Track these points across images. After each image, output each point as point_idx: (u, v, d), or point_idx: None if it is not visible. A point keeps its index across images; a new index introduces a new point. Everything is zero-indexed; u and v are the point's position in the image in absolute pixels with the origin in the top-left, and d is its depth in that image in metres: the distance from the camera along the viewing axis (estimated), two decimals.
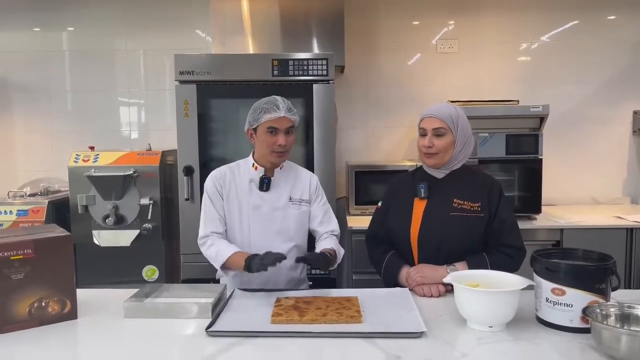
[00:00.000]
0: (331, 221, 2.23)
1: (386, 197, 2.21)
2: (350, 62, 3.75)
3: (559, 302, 1.52)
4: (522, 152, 3.29)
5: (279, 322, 1.60)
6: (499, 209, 2.00)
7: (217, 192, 2.14)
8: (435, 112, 2.01)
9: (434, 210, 2.02)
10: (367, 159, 3.96)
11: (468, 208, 1.99)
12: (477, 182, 2.05)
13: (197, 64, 3.04)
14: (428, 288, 1.90)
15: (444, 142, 2.00)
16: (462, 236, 1.97)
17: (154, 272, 3.34)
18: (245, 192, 2.14)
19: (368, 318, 1.63)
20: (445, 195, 2.03)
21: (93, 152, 3.33)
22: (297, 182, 2.20)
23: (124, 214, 3.25)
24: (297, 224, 2.16)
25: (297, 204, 2.17)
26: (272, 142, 2.05)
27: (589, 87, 3.90)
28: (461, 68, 3.90)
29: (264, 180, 2.12)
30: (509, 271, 1.74)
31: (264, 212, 2.12)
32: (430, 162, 2.04)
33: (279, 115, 2.03)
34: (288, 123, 2.06)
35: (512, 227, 2.01)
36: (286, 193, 2.16)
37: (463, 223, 1.97)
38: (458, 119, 2.01)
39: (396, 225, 2.08)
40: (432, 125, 2.01)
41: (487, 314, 1.53)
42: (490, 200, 2.00)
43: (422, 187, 2.05)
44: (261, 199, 2.13)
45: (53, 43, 3.97)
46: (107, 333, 1.59)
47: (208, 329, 1.54)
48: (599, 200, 3.96)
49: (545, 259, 1.60)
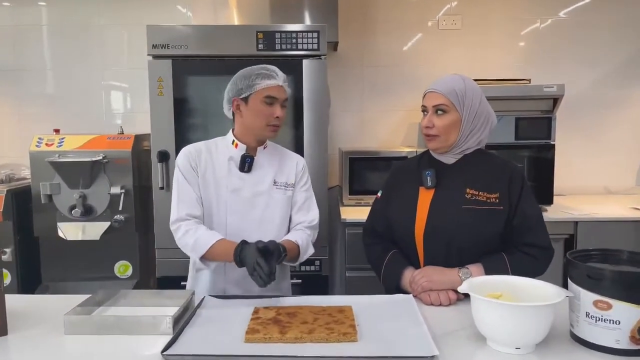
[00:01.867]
0: (310, 209, 1.93)
1: (387, 186, 1.90)
2: (345, 39, 3.42)
3: (603, 317, 1.22)
4: (533, 137, 2.99)
5: (255, 340, 1.29)
6: (521, 201, 1.68)
7: (192, 169, 1.82)
8: (438, 87, 1.70)
9: (443, 201, 1.71)
10: (361, 145, 3.64)
11: (483, 199, 1.68)
12: (494, 169, 1.74)
13: (173, 37, 2.70)
14: (436, 295, 1.60)
15: (446, 121, 1.68)
16: (476, 233, 1.66)
17: (127, 268, 3.03)
18: (223, 172, 1.83)
19: (365, 335, 1.33)
20: (456, 184, 1.71)
21: (58, 136, 2.98)
22: (283, 164, 1.91)
23: (93, 204, 2.92)
24: (282, 211, 1.87)
25: (282, 189, 1.87)
26: (269, 114, 1.76)
27: (603, 69, 3.59)
28: (465, 46, 3.59)
29: (246, 159, 1.82)
30: (532, 275, 1.44)
31: (244, 196, 1.82)
32: (431, 145, 1.74)
33: (277, 83, 1.76)
34: (285, 94, 1.80)
35: (537, 223, 1.69)
36: (270, 175, 1.86)
37: (477, 217, 1.66)
38: (465, 93, 1.68)
39: (398, 220, 1.77)
40: (433, 101, 1.70)
41: (515, 333, 1.22)
42: (511, 190, 1.68)
43: (429, 175, 1.73)
44: (241, 181, 1.83)
45: (23, 18, 3.61)
46: (40, 354, 1.28)
47: (164, 351, 1.23)
48: (611, 190, 3.67)
49: (583, 262, 1.29)
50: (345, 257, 2.96)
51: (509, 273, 1.55)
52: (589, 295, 1.24)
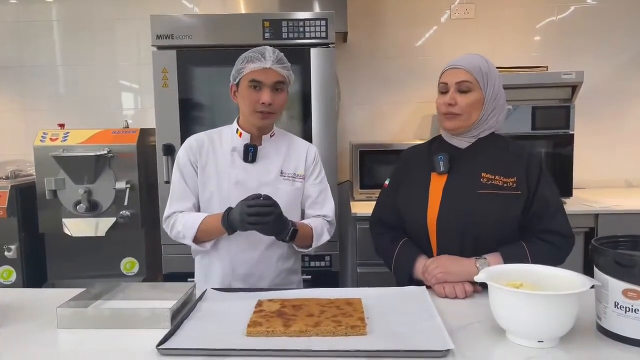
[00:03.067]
0: (325, 204, 1.84)
1: (395, 174, 1.80)
2: (354, 30, 3.34)
3: (634, 307, 1.12)
4: (551, 126, 2.87)
5: (257, 334, 1.21)
6: (540, 186, 1.57)
7: (190, 163, 1.76)
8: (461, 63, 1.60)
9: (457, 187, 1.61)
10: (372, 139, 3.54)
11: (500, 184, 1.57)
12: (510, 153, 1.63)
13: (177, 27, 2.63)
14: (451, 287, 1.50)
15: (470, 100, 1.58)
16: (493, 220, 1.55)
17: (133, 264, 2.97)
18: (226, 164, 1.75)
19: (375, 328, 1.24)
20: (471, 169, 1.61)
21: (62, 130, 2.93)
22: (290, 152, 1.81)
23: (98, 199, 2.86)
24: (290, 203, 1.76)
25: (289, 179, 1.78)
26: (255, 99, 1.66)
27: (623, 58, 3.46)
28: (479, 36, 3.48)
29: (249, 149, 1.73)
30: (553, 264, 1.34)
31: (249, 187, 1.72)
32: (451, 124, 1.62)
33: (263, 65, 1.64)
34: (276, 77, 1.67)
35: (557, 209, 1.59)
36: (277, 165, 1.78)
37: (494, 202, 1.56)
38: (489, 72, 1.60)
39: (409, 208, 1.67)
40: (456, 77, 1.60)
41: (537, 325, 1.12)
42: (529, 174, 1.58)
43: (441, 159, 1.63)
44: (246, 172, 1.75)
45: (29, 14, 3.56)
46: (31, 349, 1.21)
47: (159, 345, 1.15)
48: (633, 184, 3.54)
49: (612, 249, 1.19)
50: (357, 252, 2.87)
51: (529, 262, 1.45)
52: (617, 283, 1.14)
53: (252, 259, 1.72)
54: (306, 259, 2.73)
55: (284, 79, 1.69)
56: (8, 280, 2.90)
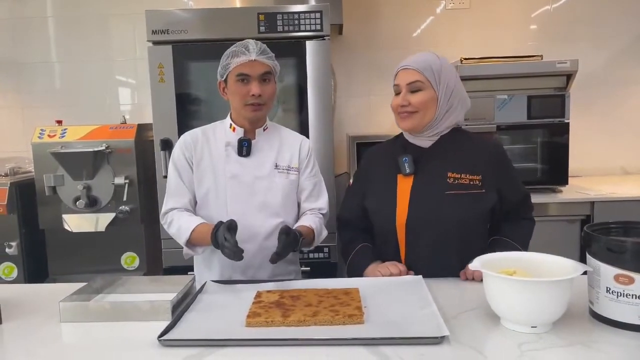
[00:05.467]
0: (320, 197, 1.86)
1: (360, 173, 1.83)
2: (350, 22, 3.34)
3: (625, 292, 1.14)
4: (547, 115, 2.88)
5: (256, 324, 1.23)
6: (510, 177, 1.67)
7: (185, 159, 1.78)
8: (410, 63, 1.62)
9: (424, 189, 1.62)
10: (369, 130, 3.55)
11: (466, 182, 1.59)
12: (474, 149, 1.66)
13: (172, 21, 2.64)
14: (385, 267, 1.58)
15: (421, 98, 1.60)
16: (461, 220, 1.58)
17: (133, 259, 2.98)
18: (221, 158, 1.77)
19: (372, 317, 1.26)
20: (437, 169, 1.63)
21: (60, 127, 2.94)
22: (284, 145, 1.83)
23: (97, 195, 2.87)
24: (285, 195, 1.79)
25: (284, 172, 1.80)
26: (244, 92, 1.68)
27: (618, 46, 3.47)
28: (473, 26, 3.48)
29: (243, 143, 1.75)
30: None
31: (244, 181, 1.75)
32: (406, 124, 1.64)
33: (248, 58, 1.66)
34: (262, 68, 1.68)
35: (526, 194, 1.71)
36: (271, 158, 1.79)
37: (461, 203, 1.58)
38: (441, 69, 1.61)
39: (378, 211, 1.69)
40: (407, 79, 1.61)
41: (530, 311, 1.15)
42: (498, 167, 1.64)
43: (406, 161, 1.63)
44: (241, 166, 1.76)
45: (24, 10, 3.56)
46: (35, 343, 1.23)
47: (161, 337, 1.17)
48: (628, 171, 3.55)
49: (604, 235, 1.22)
50: None
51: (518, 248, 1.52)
52: (609, 269, 1.16)
53: (251, 250, 1.73)
54: (305, 251, 2.76)
55: (270, 69, 1.71)
56: (9, 277, 2.92)
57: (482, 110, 2.84)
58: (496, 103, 2.85)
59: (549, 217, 2.79)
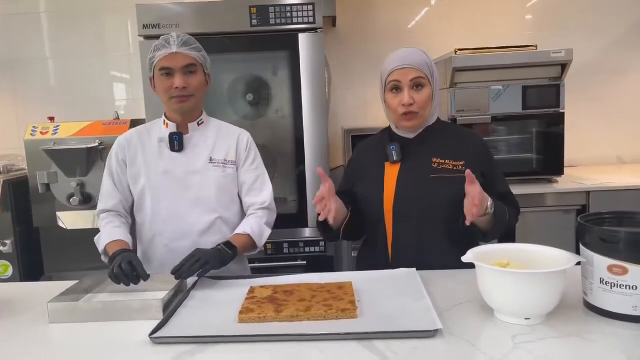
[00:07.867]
0: (263, 190, 1.83)
1: (350, 166, 1.86)
2: (343, 13, 3.32)
3: (619, 283, 1.14)
4: (541, 105, 2.87)
5: (249, 320, 1.23)
6: (492, 164, 1.70)
7: (117, 161, 1.79)
8: (409, 61, 1.61)
9: (410, 173, 1.66)
10: (364, 123, 3.53)
11: (450, 167, 1.63)
12: (457, 137, 1.72)
13: (163, 15, 2.61)
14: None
15: (424, 95, 1.62)
16: (446, 202, 1.60)
17: None
18: (153, 154, 1.77)
19: (365, 311, 1.26)
20: (422, 155, 1.67)
21: (52, 123, 2.92)
22: (220, 139, 1.81)
23: (91, 192, 2.85)
24: (220, 190, 1.77)
25: (219, 166, 1.78)
26: (168, 86, 1.68)
27: (613, 34, 3.45)
28: (468, 16, 3.46)
29: (174, 137, 1.74)
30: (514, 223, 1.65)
31: (176, 176, 1.74)
32: (412, 123, 1.65)
33: (169, 51, 1.66)
34: (185, 60, 1.67)
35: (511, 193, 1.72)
36: (205, 152, 1.78)
37: (446, 185, 1.61)
38: (432, 65, 1.65)
39: (365, 196, 1.71)
40: (408, 75, 1.61)
41: (523, 303, 1.14)
42: (479, 155, 1.68)
43: (393, 149, 1.66)
44: (173, 161, 1.76)
45: (15, 6, 3.52)
46: (23, 344, 1.22)
47: (152, 334, 1.16)
48: (624, 160, 3.55)
49: (597, 225, 1.21)
50: None
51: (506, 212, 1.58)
52: (602, 260, 1.15)
53: (185, 247, 1.67)
54: (301, 245, 2.75)
55: (194, 60, 1.70)
56: (4, 275, 2.91)
57: (476, 101, 2.83)
58: (491, 93, 2.84)
59: (544, 208, 2.79)
